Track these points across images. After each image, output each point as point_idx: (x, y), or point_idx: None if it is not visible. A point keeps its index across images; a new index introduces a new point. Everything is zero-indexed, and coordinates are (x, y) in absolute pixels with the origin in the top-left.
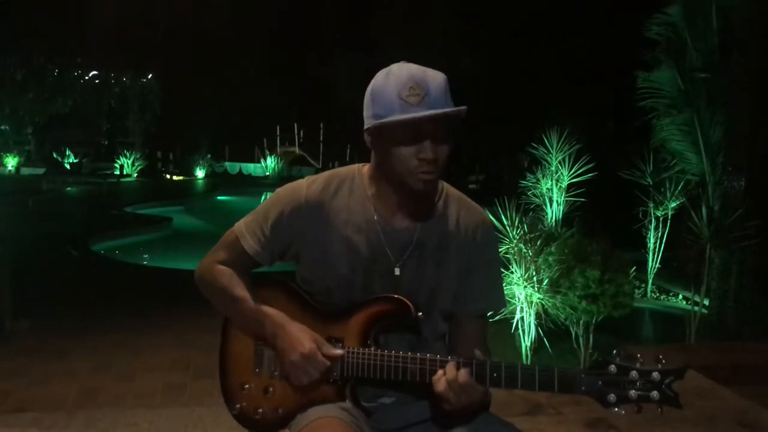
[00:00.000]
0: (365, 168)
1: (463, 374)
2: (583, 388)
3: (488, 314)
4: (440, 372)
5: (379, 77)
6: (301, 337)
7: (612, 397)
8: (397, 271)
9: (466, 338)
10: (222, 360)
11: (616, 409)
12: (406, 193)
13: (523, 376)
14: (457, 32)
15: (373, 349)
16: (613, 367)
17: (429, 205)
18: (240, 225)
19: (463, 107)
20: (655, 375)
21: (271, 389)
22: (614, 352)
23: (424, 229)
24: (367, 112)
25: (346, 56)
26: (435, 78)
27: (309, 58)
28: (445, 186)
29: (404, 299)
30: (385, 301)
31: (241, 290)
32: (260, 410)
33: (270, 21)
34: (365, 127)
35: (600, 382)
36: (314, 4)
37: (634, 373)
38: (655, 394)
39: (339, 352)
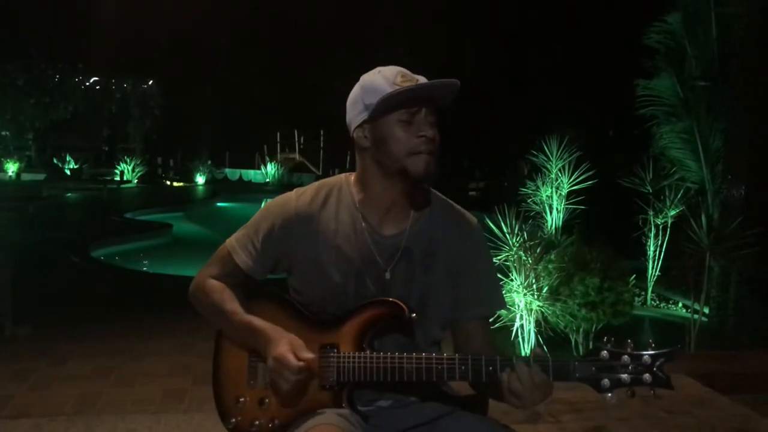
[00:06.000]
0: (352, 176)
1: (539, 372)
2: (577, 375)
3: (489, 317)
4: (508, 371)
5: (367, 75)
6: (276, 341)
7: (606, 382)
8: (387, 275)
9: (470, 343)
10: (216, 374)
11: (610, 394)
12: (402, 183)
13: None
14: (458, 40)
15: (368, 352)
16: (605, 353)
17: (417, 208)
18: (231, 240)
19: (455, 80)
20: (646, 358)
21: (267, 400)
22: (605, 338)
23: (411, 236)
24: (356, 110)
25: (346, 64)
26: (423, 78)
27: (309, 66)
28: (433, 193)
29: (397, 301)
30: (378, 305)
31: (232, 304)
32: (257, 422)
33: (271, 28)
34: (356, 125)
35: (593, 368)
36: (315, 12)
37: (625, 358)
38: (647, 376)
39: (310, 355)
